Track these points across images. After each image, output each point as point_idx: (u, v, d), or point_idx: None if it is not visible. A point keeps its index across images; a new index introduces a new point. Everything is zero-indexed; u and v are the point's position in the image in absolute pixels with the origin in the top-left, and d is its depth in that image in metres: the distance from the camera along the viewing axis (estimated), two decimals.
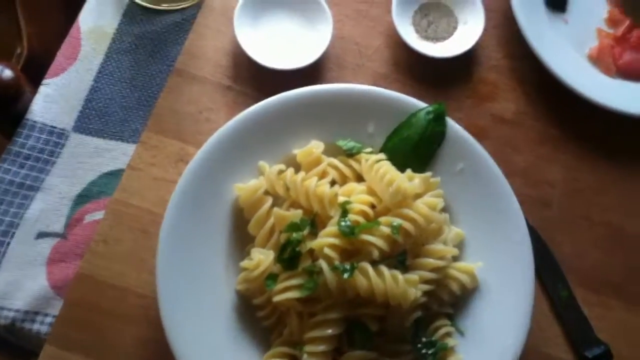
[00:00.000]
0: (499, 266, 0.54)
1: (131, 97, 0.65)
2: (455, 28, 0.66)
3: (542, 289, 0.60)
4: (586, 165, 0.65)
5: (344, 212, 0.50)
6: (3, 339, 0.68)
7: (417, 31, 0.67)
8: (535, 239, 0.60)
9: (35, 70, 0.65)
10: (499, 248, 0.55)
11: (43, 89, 0.64)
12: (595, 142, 0.66)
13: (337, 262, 0.48)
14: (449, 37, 0.66)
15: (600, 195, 0.64)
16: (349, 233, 0.48)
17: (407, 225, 0.50)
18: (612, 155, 0.66)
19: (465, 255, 0.55)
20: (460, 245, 0.55)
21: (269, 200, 0.54)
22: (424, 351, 0.50)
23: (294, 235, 0.50)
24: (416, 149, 0.57)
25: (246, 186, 0.54)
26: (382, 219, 0.50)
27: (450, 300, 0.53)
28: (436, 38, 0.66)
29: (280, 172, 0.54)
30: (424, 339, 0.51)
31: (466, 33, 0.66)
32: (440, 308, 0.53)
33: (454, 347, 0.51)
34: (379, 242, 0.49)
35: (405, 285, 0.48)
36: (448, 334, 0.52)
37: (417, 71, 0.66)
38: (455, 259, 0.54)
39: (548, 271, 0.61)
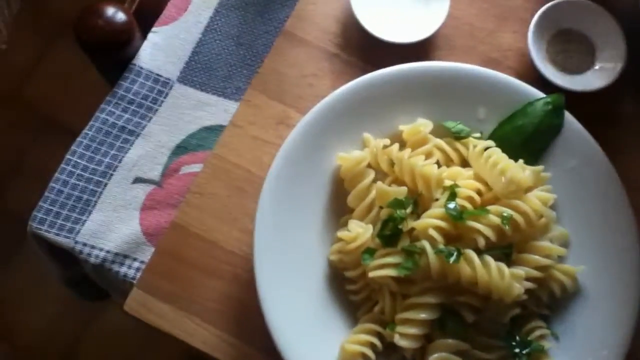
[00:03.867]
0: (602, 272, 0.52)
1: (236, 54, 0.65)
2: (588, 68, 0.61)
3: None
4: None
5: (452, 195, 0.48)
6: (81, 280, 0.70)
7: (547, 51, 0.62)
8: None
9: (145, 17, 0.66)
10: (605, 253, 0.52)
11: (152, 37, 0.64)
12: None
13: (441, 245, 0.46)
14: (579, 73, 0.61)
15: None
16: (457, 217, 0.47)
17: (517, 217, 0.48)
18: None
19: (568, 257, 0.53)
20: (563, 246, 0.53)
21: (372, 174, 0.52)
22: (517, 350, 0.49)
23: (398, 212, 0.49)
24: (529, 140, 0.54)
25: (349, 156, 0.53)
26: (492, 208, 0.48)
27: (548, 302, 0.51)
28: (564, 68, 0.61)
29: (385, 146, 0.53)
30: (518, 338, 0.49)
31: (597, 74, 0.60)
32: (538, 309, 0.51)
33: (547, 350, 0.49)
34: (487, 231, 0.47)
35: (510, 280, 0.46)
36: (543, 336, 0.50)
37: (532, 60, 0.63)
38: (558, 260, 0.52)
39: None
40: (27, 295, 1.30)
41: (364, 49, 0.62)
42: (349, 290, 0.52)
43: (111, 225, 0.59)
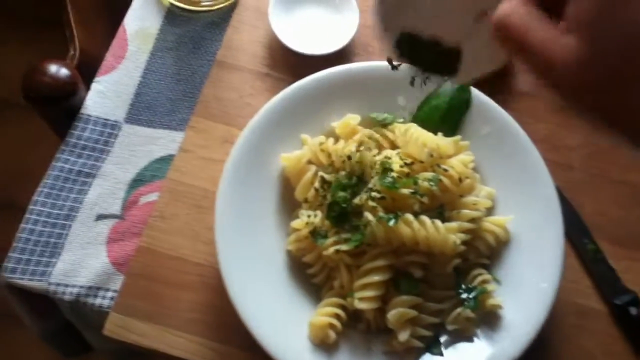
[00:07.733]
0: (529, 219, 0.58)
1: (176, 90, 0.70)
2: None
3: (569, 245, 0.64)
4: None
5: (385, 170, 0.54)
6: (60, 332, 0.72)
7: None
8: (560, 199, 0.64)
9: (87, 70, 0.71)
10: (529, 203, 0.59)
11: (95, 86, 0.70)
12: None
13: (381, 213, 0.52)
14: None
15: (619, 157, 0.68)
16: (392, 187, 0.53)
17: (443, 179, 0.54)
18: None
19: (497, 211, 0.59)
20: (491, 202, 0.59)
21: (313, 168, 0.58)
22: (464, 295, 0.54)
23: (340, 194, 0.54)
24: (444, 116, 0.61)
25: (291, 155, 0.59)
26: (421, 175, 0.54)
27: (486, 252, 0.57)
28: None
29: (321, 143, 0.59)
30: (464, 286, 0.55)
31: None
32: (477, 259, 0.57)
33: (492, 291, 0.55)
34: (419, 195, 0.53)
35: (445, 233, 0.52)
36: (485, 281, 0.55)
37: None
38: (488, 214, 0.58)
39: (574, 228, 0.64)
40: None
41: (290, 66, 0.69)
42: (310, 274, 0.56)
43: (81, 262, 0.63)
